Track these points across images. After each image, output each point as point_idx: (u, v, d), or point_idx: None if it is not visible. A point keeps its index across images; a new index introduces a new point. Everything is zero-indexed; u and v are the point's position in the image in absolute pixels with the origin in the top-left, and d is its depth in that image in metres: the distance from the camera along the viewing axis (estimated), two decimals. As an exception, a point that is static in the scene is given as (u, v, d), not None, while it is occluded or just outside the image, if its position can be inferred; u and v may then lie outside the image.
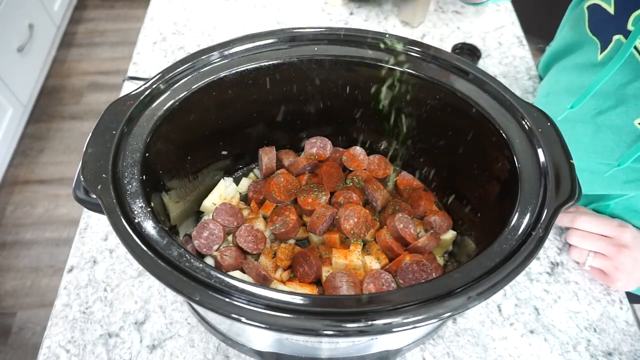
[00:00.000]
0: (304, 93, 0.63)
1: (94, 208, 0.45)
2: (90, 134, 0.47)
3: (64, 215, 1.69)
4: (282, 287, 0.57)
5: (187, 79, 0.54)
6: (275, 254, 0.61)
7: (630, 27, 0.57)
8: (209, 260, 0.60)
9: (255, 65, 0.56)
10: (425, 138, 0.65)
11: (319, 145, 0.69)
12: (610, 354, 0.60)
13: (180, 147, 0.57)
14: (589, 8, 0.65)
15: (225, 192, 0.68)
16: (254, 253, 0.61)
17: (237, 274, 0.57)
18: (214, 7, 1.07)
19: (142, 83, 0.52)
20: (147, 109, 0.51)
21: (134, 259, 0.39)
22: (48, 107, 2.02)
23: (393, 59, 0.57)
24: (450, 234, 0.63)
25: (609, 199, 0.67)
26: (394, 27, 1.03)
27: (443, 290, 0.38)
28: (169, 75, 0.53)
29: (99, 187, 0.43)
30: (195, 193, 0.64)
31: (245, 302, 0.37)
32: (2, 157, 1.72)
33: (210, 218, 0.62)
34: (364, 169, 0.69)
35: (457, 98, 0.54)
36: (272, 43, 0.57)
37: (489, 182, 0.55)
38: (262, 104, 0.63)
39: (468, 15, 1.06)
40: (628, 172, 0.62)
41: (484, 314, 0.63)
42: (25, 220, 1.67)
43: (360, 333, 0.36)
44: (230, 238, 0.63)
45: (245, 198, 0.69)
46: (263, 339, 0.52)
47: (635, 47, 0.56)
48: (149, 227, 0.42)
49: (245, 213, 0.66)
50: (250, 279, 0.57)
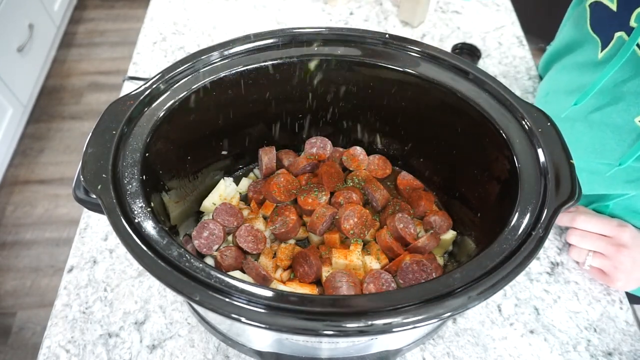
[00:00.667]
0: (304, 93, 0.63)
1: (94, 208, 0.45)
2: (90, 134, 0.47)
3: (64, 215, 1.69)
4: (282, 287, 0.57)
5: (187, 79, 0.54)
6: (275, 254, 0.61)
7: (633, 23, 0.57)
8: (209, 260, 0.60)
9: (255, 65, 0.56)
10: (425, 138, 0.65)
11: (319, 145, 0.69)
12: (610, 354, 0.60)
13: (180, 147, 0.57)
14: (591, 6, 0.65)
15: (225, 192, 0.68)
16: (254, 253, 0.61)
17: (237, 274, 0.57)
18: (214, 7, 1.07)
19: (142, 83, 0.52)
20: (147, 109, 0.51)
21: (134, 259, 0.39)
22: (48, 107, 2.02)
23: (393, 59, 0.57)
24: (450, 234, 0.63)
25: (609, 199, 0.67)
26: (394, 27, 1.03)
27: (443, 290, 0.38)
28: (169, 75, 0.53)
29: (99, 187, 0.43)
30: (195, 193, 0.64)
31: (245, 302, 0.37)
32: (2, 157, 1.72)
33: (210, 218, 0.62)
34: (364, 169, 0.69)
35: (457, 98, 0.54)
36: (272, 43, 0.57)
37: (489, 182, 0.55)
38: (262, 104, 0.62)
39: (468, 15, 1.06)
40: (629, 171, 0.62)
41: (484, 314, 0.63)
42: (25, 220, 1.67)
43: (360, 333, 0.36)
44: (230, 238, 0.63)
45: (245, 198, 0.69)
46: (263, 339, 0.52)
47: (638, 44, 0.56)
48: (149, 227, 0.42)
49: (245, 213, 0.66)
50: (250, 279, 0.57)
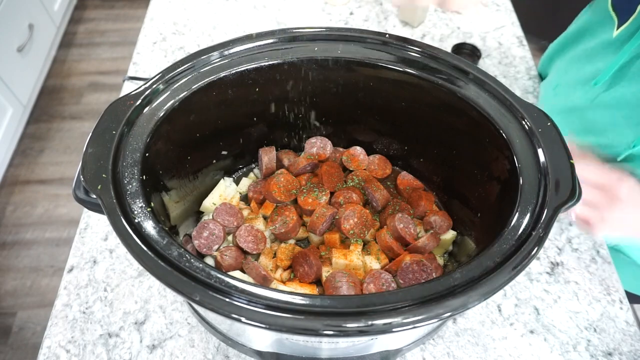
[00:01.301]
0: (304, 93, 0.63)
1: (94, 208, 0.45)
2: (90, 134, 0.47)
3: (64, 215, 1.69)
4: (282, 287, 0.57)
5: (187, 79, 0.54)
6: (275, 254, 0.61)
7: None
8: (209, 260, 0.60)
9: (255, 65, 0.56)
10: (425, 138, 0.65)
11: (319, 145, 0.69)
12: (610, 354, 0.60)
13: (180, 147, 0.57)
14: None
15: (225, 192, 0.68)
16: (254, 253, 0.61)
17: (237, 274, 0.57)
18: (214, 7, 1.07)
19: (142, 83, 0.52)
20: (147, 109, 0.51)
21: (134, 259, 0.39)
22: (48, 107, 2.01)
23: (393, 59, 0.57)
24: (450, 234, 0.63)
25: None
26: (394, 27, 1.03)
27: (443, 290, 0.38)
28: (169, 75, 0.53)
29: (99, 187, 0.43)
30: (195, 193, 0.64)
31: (245, 302, 0.37)
32: (2, 157, 1.72)
33: (210, 218, 0.62)
34: (364, 169, 0.69)
35: (457, 98, 0.54)
36: (272, 43, 0.57)
37: (489, 182, 0.55)
38: (262, 104, 0.62)
39: (468, 15, 1.06)
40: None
41: (484, 314, 0.63)
42: (25, 220, 1.67)
43: (360, 333, 0.36)
44: (230, 238, 0.63)
45: (245, 198, 0.69)
46: (263, 339, 0.52)
47: None
48: (149, 227, 0.42)
49: (245, 213, 0.66)
50: (250, 279, 0.57)
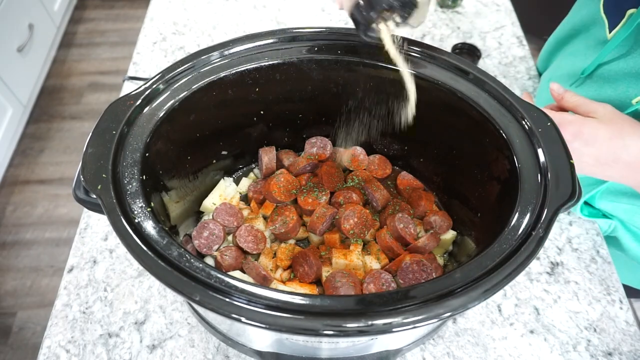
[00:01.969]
0: (304, 93, 0.63)
1: (94, 208, 0.45)
2: (90, 134, 0.47)
3: (64, 215, 1.69)
4: (282, 287, 0.57)
5: (187, 79, 0.54)
6: (275, 254, 0.61)
7: None
8: (209, 260, 0.60)
9: (255, 65, 0.56)
10: (425, 138, 0.65)
11: (319, 145, 0.69)
12: (610, 354, 0.60)
13: (180, 147, 0.57)
14: None
15: (225, 192, 0.68)
16: (254, 253, 0.61)
17: (237, 274, 0.57)
18: (214, 7, 1.07)
19: (142, 83, 0.52)
20: (147, 109, 0.51)
21: (134, 259, 0.39)
22: (48, 107, 2.02)
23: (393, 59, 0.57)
24: (450, 234, 0.63)
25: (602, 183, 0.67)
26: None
27: (443, 290, 0.38)
28: (169, 75, 0.53)
29: (99, 187, 0.43)
30: (195, 193, 0.64)
31: (245, 302, 0.37)
32: (2, 157, 1.72)
33: (210, 218, 0.62)
34: (364, 169, 0.69)
35: (457, 98, 0.54)
36: (272, 43, 0.57)
37: (489, 182, 0.55)
38: (262, 104, 0.62)
39: (468, 15, 1.06)
40: None
41: (484, 314, 0.63)
42: (25, 220, 1.67)
43: (360, 333, 0.36)
44: (230, 238, 0.63)
45: (245, 198, 0.69)
46: (263, 339, 0.52)
47: None
48: (149, 227, 0.42)
49: (245, 213, 0.66)
50: (250, 279, 0.57)
